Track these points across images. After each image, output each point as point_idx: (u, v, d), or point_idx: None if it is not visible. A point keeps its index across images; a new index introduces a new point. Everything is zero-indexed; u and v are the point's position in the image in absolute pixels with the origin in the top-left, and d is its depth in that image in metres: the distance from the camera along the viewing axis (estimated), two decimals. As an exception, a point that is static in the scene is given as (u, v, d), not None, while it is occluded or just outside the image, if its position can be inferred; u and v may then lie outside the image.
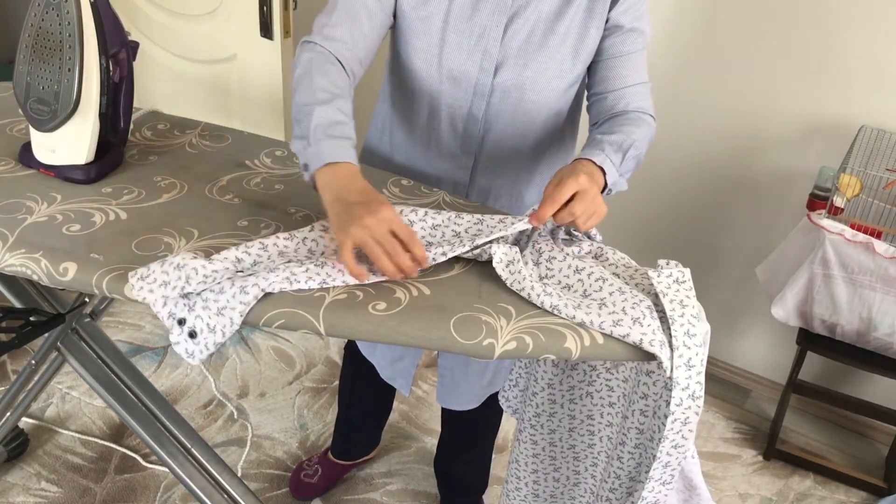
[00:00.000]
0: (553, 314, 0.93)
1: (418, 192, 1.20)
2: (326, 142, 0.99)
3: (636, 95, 1.20)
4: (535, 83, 1.19)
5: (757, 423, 2.27)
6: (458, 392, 1.54)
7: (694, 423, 0.94)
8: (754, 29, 1.97)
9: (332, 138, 1.00)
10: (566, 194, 0.98)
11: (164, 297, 0.90)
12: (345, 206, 0.95)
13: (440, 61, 1.19)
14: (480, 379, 1.51)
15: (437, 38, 1.18)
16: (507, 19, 1.16)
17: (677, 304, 0.92)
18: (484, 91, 1.20)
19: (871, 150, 1.85)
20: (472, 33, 1.17)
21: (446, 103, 1.23)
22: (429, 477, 1.93)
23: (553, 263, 1.00)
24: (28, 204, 1.06)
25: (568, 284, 0.98)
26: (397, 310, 0.91)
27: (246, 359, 2.28)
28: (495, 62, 1.18)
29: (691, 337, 0.90)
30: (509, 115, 1.22)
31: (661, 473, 1.00)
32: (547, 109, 1.23)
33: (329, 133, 1.00)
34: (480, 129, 1.24)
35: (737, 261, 2.24)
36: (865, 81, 1.89)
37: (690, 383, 0.91)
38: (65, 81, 1.06)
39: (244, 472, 1.91)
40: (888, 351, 1.85)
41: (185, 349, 0.92)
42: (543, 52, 1.17)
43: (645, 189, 2.26)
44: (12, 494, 1.77)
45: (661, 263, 0.97)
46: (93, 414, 2.02)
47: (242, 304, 0.89)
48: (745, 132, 2.09)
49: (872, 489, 2.05)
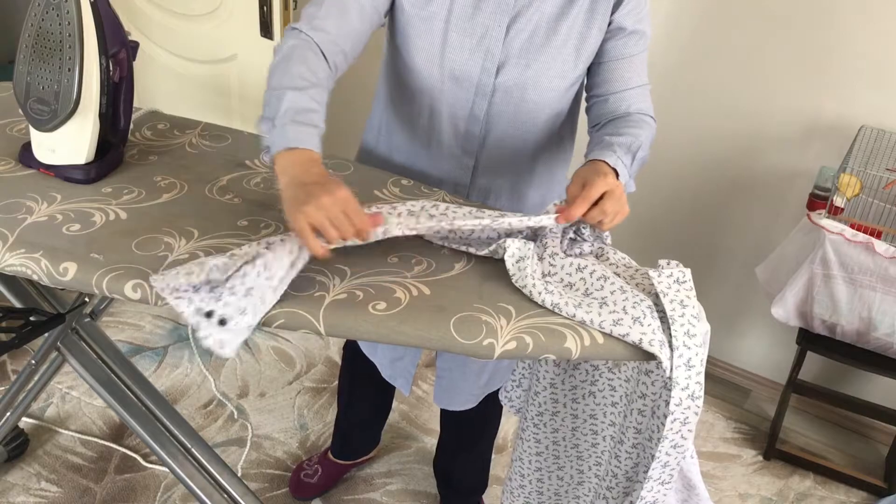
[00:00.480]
0: (553, 313, 0.93)
1: (418, 192, 1.20)
2: (293, 126, 0.98)
3: (637, 97, 1.20)
4: (537, 83, 1.19)
5: (757, 423, 2.27)
6: (456, 392, 1.54)
7: (693, 423, 0.94)
8: (754, 29, 1.97)
9: (300, 124, 0.99)
10: (597, 192, 1.00)
11: (188, 294, 0.89)
12: (301, 187, 0.93)
13: (442, 61, 1.19)
14: (478, 379, 1.51)
15: (439, 38, 1.17)
16: (509, 19, 1.16)
17: (677, 304, 0.92)
18: (486, 91, 1.20)
19: (871, 150, 1.85)
20: (475, 33, 1.17)
21: (448, 103, 1.23)
22: (429, 477, 1.93)
23: (556, 260, 1.00)
24: (28, 204, 1.06)
25: (570, 283, 0.98)
26: (397, 310, 0.91)
27: (246, 359, 2.28)
28: (497, 62, 1.17)
29: (691, 337, 0.90)
30: (511, 115, 1.22)
31: (661, 473, 1.00)
32: (548, 109, 1.23)
33: (297, 119, 0.99)
34: (482, 130, 1.24)
35: (737, 261, 2.24)
36: (865, 81, 1.89)
37: (690, 383, 0.91)
38: (65, 81, 1.06)
39: (244, 472, 1.91)
40: (888, 351, 1.85)
41: (217, 341, 0.87)
42: (546, 52, 1.17)
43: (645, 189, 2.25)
44: (12, 494, 1.77)
45: (661, 263, 0.97)
46: (93, 414, 2.02)
47: (268, 281, 0.88)
48: (745, 132, 2.09)
49: (872, 489, 2.05)
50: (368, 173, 1.25)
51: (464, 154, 1.28)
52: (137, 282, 0.92)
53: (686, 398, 0.92)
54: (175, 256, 0.97)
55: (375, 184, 1.21)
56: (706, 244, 2.28)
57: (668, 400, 0.93)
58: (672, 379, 0.91)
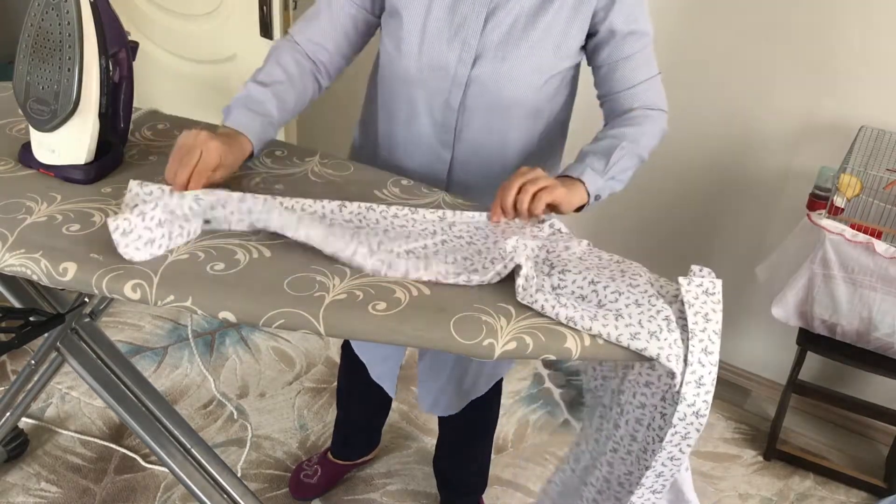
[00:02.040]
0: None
1: (418, 192, 1.20)
2: (238, 110, 1.15)
3: (643, 93, 1.22)
4: (512, 77, 1.19)
5: (757, 423, 2.27)
6: (436, 397, 1.56)
7: (694, 439, 0.93)
8: (754, 29, 1.97)
9: (246, 109, 1.16)
10: (514, 184, 1.07)
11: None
12: (196, 135, 1.07)
13: (420, 50, 1.20)
14: (458, 386, 1.52)
15: (418, 27, 1.19)
16: (487, 11, 1.17)
17: (701, 317, 0.90)
18: (461, 82, 1.20)
19: (872, 150, 1.85)
20: (453, 23, 1.18)
21: (425, 93, 1.23)
22: (429, 477, 1.93)
23: (566, 276, 0.98)
24: (28, 204, 1.06)
25: (582, 295, 0.96)
26: (397, 310, 0.91)
27: (246, 359, 2.28)
28: (474, 53, 1.18)
29: (708, 355, 0.89)
30: (486, 108, 1.23)
31: (654, 482, 0.99)
32: (525, 106, 1.23)
33: (246, 105, 1.16)
34: (457, 121, 1.25)
35: (736, 261, 2.24)
36: (865, 81, 1.89)
37: (697, 401, 0.90)
38: (64, 81, 1.06)
39: (244, 472, 1.91)
40: (888, 351, 1.85)
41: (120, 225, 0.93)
42: (522, 45, 1.17)
43: (644, 189, 2.25)
44: (12, 494, 1.77)
45: (693, 270, 0.95)
46: (92, 414, 2.02)
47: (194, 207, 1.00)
48: (745, 132, 2.09)
49: (872, 489, 2.05)
50: (368, 174, 1.25)
51: (441, 146, 1.28)
52: (137, 282, 0.92)
53: (690, 414, 0.91)
54: (175, 256, 0.97)
55: (375, 184, 1.21)
56: (706, 244, 2.27)
57: (666, 412, 0.92)
58: (680, 394, 0.90)
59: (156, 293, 0.92)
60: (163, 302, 0.91)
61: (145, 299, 0.92)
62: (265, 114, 1.17)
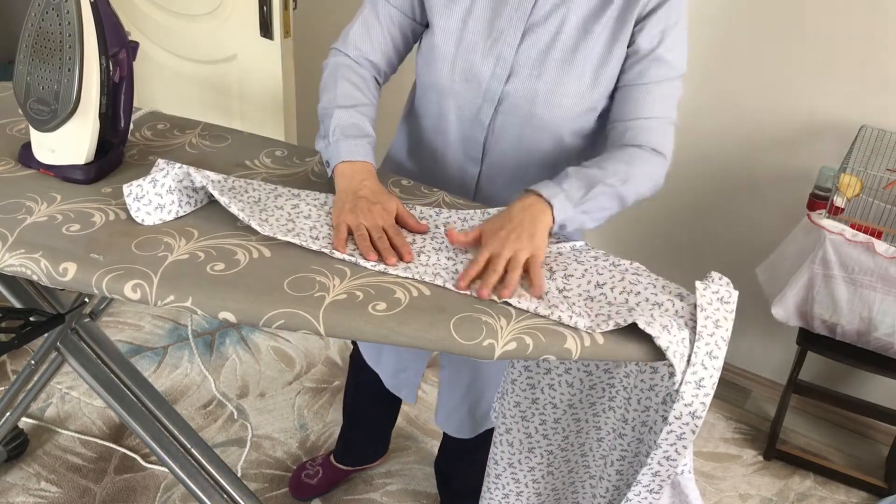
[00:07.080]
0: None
1: (418, 192, 1.20)
2: (344, 142, 1.12)
3: (646, 129, 1.13)
4: (547, 98, 1.14)
5: (757, 423, 2.27)
6: (451, 416, 1.53)
7: (690, 441, 0.93)
8: (754, 29, 1.97)
9: (350, 138, 1.12)
10: (482, 259, 0.98)
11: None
12: (352, 197, 1.06)
13: (455, 59, 1.18)
14: (472, 412, 1.49)
15: (454, 37, 1.17)
16: (524, 27, 1.14)
17: (712, 322, 0.90)
18: (493, 97, 1.18)
19: (872, 150, 1.85)
20: (489, 36, 1.16)
21: (456, 104, 1.21)
22: (429, 477, 1.93)
23: (570, 281, 0.98)
24: (28, 204, 1.06)
25: (591, 296, 0.96)
26: (397, 310, 0.91)
27: (246, 359, 2.28)
28: (509, 69, 1.15)
29: (712, 359, 0.89)
30: (517, 127, 1.19)
31: (650, 480, 0.99)
32: (557, 131, 1.18)
33: (347, 133, 1.13)
34: (486, 137, 1.22)
35: (736, 261, 2.24)
36: (865, 81, 1.89)
37: (695, 402, 0.90)
38: (65, 81, 1.06)
39: (244, 472, 1.91)
40: (888, 351, 1.85)
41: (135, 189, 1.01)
42: (561, 68, 1.13)
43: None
44: (12, 494, 1.77)
45: (712, 276, 0.95)
46: (92, 414, 2.02)
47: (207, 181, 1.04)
48: (745, 132, 2.08)
49: (873, 489, 2.05)
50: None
51: (468, 160, 1.26)
52: (137, 282, 0.92)
53: (686, 414, 0.91)
54: (175, 256, 0.97)
55: (375, 184, 1.21)
56: (706, 244, 2.27)
57: (666, 414, 0.92)
58: (678, 392, 0.90)
59: (156, 293, 0.92)
60: (163, 302, 0.91)
61: (145, 299, 0.92)
62: (367, 135, 1.15)
